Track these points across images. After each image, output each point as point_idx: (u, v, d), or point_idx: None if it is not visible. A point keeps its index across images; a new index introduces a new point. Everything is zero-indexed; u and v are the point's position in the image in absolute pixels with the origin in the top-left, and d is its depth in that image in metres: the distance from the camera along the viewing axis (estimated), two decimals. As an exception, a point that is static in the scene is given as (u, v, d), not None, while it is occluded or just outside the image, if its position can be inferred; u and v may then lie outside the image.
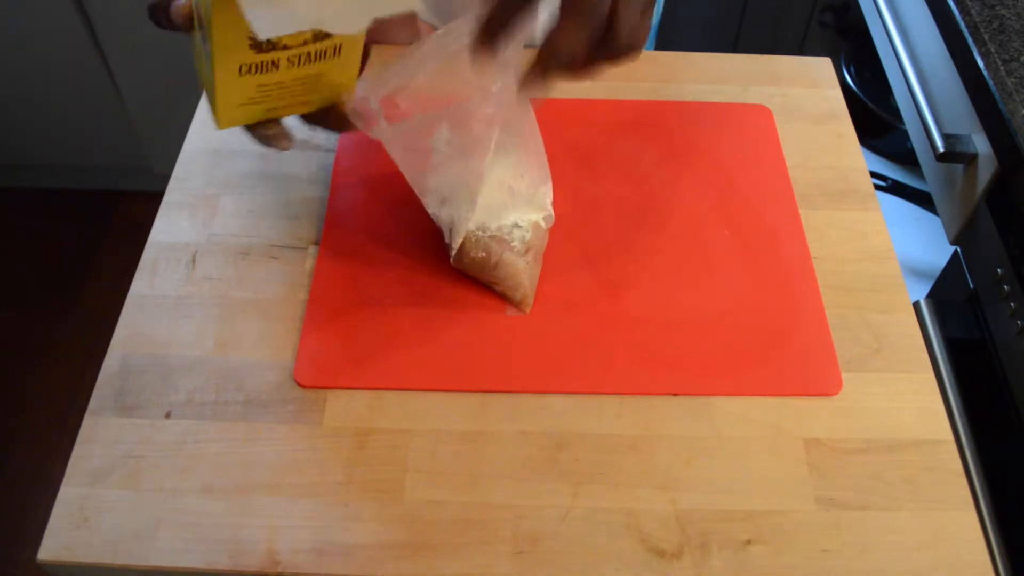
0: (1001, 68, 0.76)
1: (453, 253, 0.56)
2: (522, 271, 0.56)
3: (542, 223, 0.58)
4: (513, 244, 0.56)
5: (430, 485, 0.49)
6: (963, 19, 0.82)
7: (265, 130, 0.52)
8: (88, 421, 0.51)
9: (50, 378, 1.55)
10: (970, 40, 0.80)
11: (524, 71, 0.45)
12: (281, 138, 0.53)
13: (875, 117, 1.16)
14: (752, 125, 0.68)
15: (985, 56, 0.78)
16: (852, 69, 1.22)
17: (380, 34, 0.65)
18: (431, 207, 0.56)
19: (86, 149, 1.67)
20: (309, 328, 0.55)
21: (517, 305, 0.56)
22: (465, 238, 0.55)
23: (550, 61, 0.43)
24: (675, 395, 0.53)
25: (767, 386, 0.53)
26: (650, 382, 0.53)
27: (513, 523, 0.48)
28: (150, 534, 0.47)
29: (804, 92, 0.71)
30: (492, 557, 0.46)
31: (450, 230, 0.56)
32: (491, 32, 0.43)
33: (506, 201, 0.56)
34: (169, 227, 0.61)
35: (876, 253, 0.61)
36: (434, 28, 0.51)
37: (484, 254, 0.55)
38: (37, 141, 1.66)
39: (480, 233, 0.56)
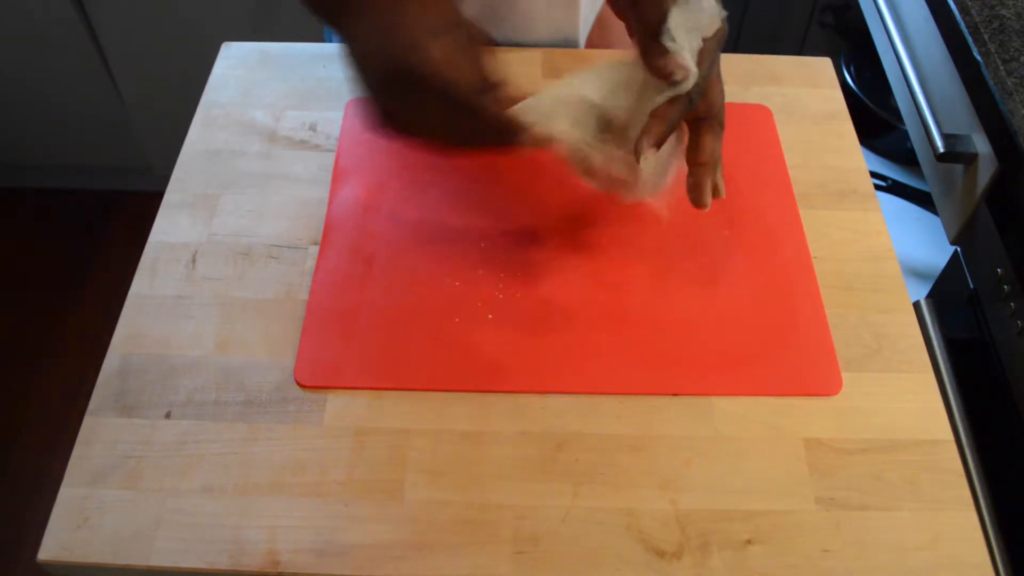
0: (1001, 68, 0.76)
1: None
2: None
3: None
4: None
5: (430, 485, 0.49)
6: (963, 19, 0.82)
7: None
8: (88, 421, 0.51)
9: (50, 378, 1.55)
10: (970, 40, 0.80)
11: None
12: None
13: (875, 117, 1.16)
14: (752, 125, 0.68)
15: (985, 56, 0.78)
16: (852, 69, 1.22)
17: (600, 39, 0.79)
18: None
19: (86, 149, 1.67)
20: (309, 328, 0.55)
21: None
22: None
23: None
24: (675, 395, 0.53)
25: (767, 386, 0.53)
26: (650, 382, 0.53)
27: (513, 523, 0.48)
28: (150, 534, 0.47)
29: (804, 92, 0.71)
30: (492, 557, 0.46)
31: None
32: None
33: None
34: (169, 227, 0.61)
35: (876, 253, 0.61)
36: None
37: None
38: (37, 141, 1.66)
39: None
